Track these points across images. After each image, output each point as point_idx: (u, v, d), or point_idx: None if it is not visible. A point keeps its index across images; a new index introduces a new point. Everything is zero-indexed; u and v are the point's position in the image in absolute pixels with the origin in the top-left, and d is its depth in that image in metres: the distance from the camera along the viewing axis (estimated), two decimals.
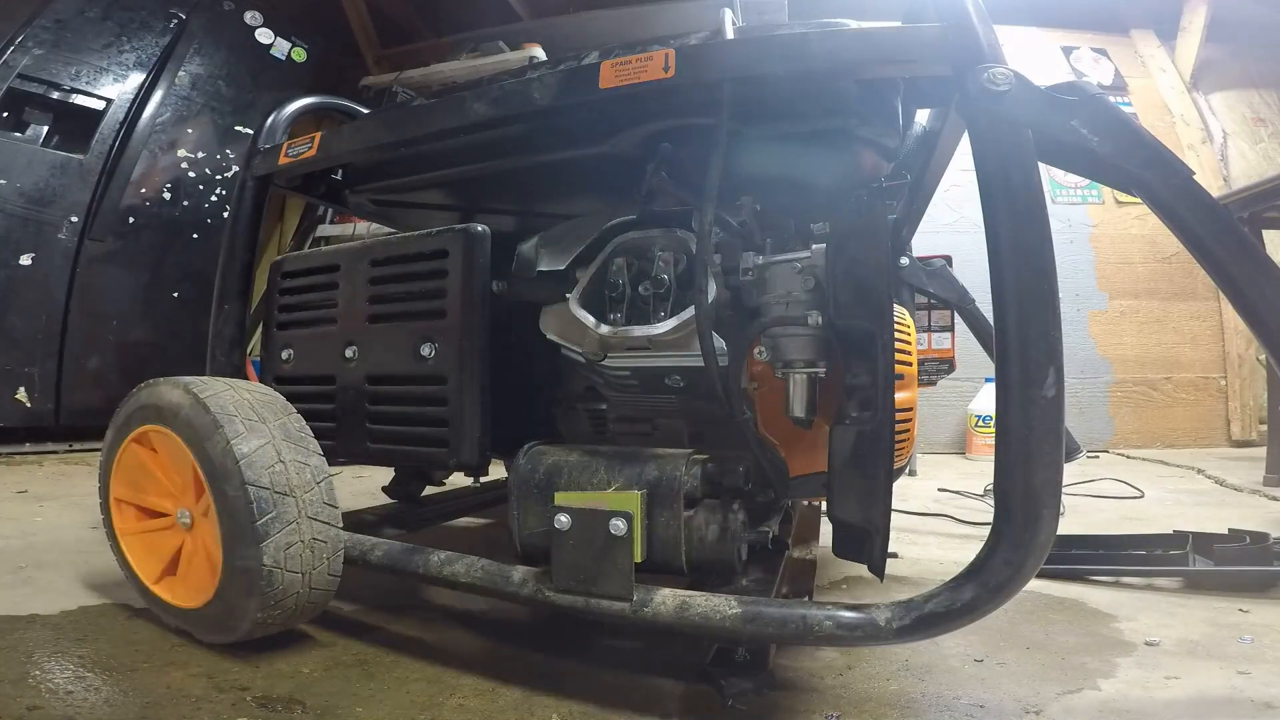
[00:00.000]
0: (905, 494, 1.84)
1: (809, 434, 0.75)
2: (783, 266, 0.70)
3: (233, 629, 0.66)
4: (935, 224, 2.95)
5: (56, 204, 2.33)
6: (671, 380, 0.74)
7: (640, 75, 0.68)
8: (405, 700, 0.61)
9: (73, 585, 0.89)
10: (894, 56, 0.63)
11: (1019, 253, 0.54)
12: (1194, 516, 1.51)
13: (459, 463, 0.80)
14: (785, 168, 0.74)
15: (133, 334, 2.58)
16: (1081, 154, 0.58)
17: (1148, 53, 3.44)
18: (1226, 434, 3.04)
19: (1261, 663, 0.71)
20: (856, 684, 0.66)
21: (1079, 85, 0.59)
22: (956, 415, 3.00)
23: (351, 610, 0.86)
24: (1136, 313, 3.13)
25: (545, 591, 0.63)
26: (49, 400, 2.36)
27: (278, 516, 0.63)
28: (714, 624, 0.58)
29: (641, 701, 0.62)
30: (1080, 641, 0.78)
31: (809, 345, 0.69)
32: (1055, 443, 0.53)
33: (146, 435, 0.72)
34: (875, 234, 0.64)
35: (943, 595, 0.55)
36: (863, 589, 0.97)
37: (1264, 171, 3.01)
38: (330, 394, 0.88)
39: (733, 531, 0.64)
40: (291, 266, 0.96)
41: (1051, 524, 0.53)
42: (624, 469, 0.66)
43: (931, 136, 0.88)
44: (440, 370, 0.80)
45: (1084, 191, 3.20)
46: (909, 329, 0.84)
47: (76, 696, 0.59)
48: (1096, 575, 1.03)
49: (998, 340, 0.55)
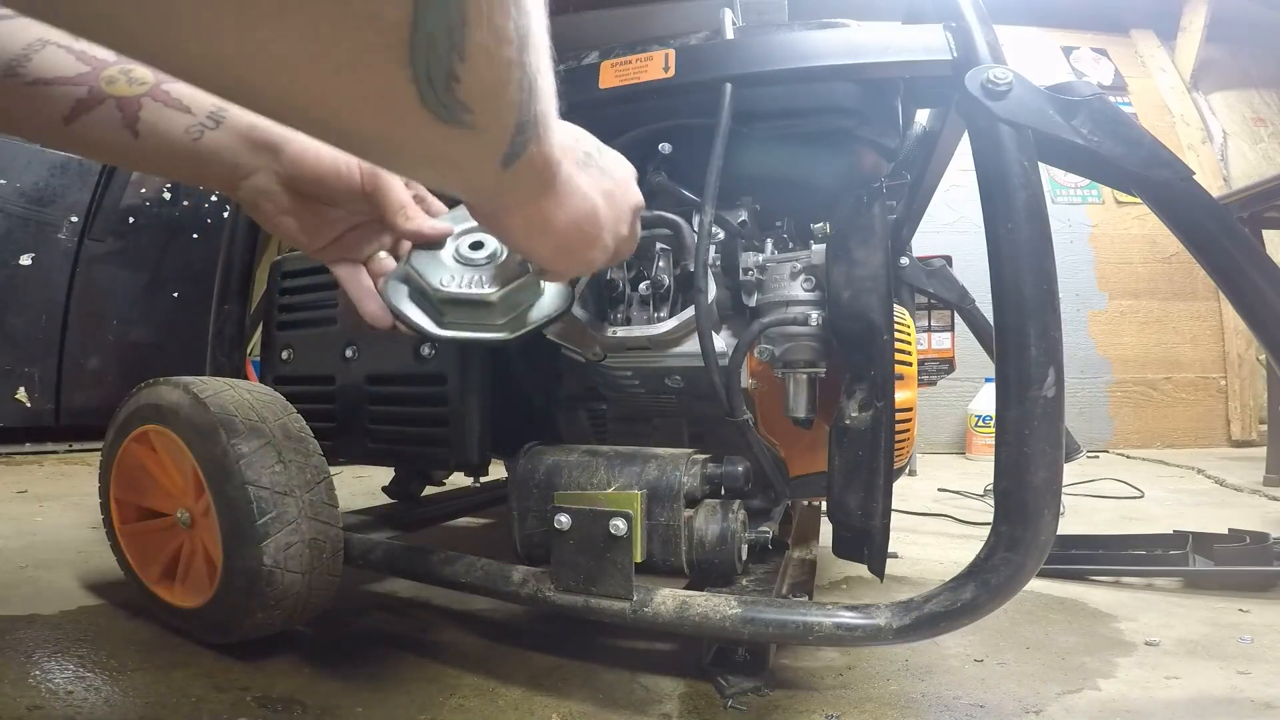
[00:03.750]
0: (905, 494, 1.84)
1: (809, 434, 0.75)
2: (783, 266, 0.70)
3: (233, 629, 0.66)
4: (935, 224, 2.95)
5: (56, 204, 2.33)
6: (671, 380, 0.74)
7: (640, 75, 0.69)
8: (405, 700, 0.61)
9: (73, 585, 0.89)
10: (894, 56, 0.63)
11: (1019, 253, 0.54)
12: (1194, 516, 1.51)
13: (459, 463, 0.80)
14: (785, 168, 0.74)
15: (133, 334, 2.58)
16: (1081, 154, 0.58)
17: (1148, 53, 3.44)
18: (1226, 434, 3.04)
19: (1261, 663, 0.71)
20: (856, 684, 0.66)
21: (1079, 85, 0.59)
22: (956, 415, 3.00)
23: (351, 610, 0.86)
24: (1136, 313, 3.13)
25: (545, 591, 0.63)
26: (49, 400, 2.36)
27: (278, 516, 0.63)
28: (714, 624, 0.58)
29: (641, 701, 0.62)
30: (1080, 641, 0.78)
31: (809, 345, 0.69)
32: (1055, 443, 0.53)
33: (146, 435, 0.72)
34: (875, 234, 0.64)
35: (943, 595, 0.55)
36: (863, 589, 0.97)
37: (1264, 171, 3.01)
38: (330, 394, 0.88)
39: (733, 531, 0.64)
40: (291, 266, 0.96)
41: (1051, 524, 0.53)
42: (624, 469, 0.66)
43: (931, 136, 0.88)
44: (440, 370, 0.80)
45: (1084, 191, 3.20)
46: (909, 329, 0.84)
47: (77, 696, 0.59)
48: (1096, 575, 1.03)
49: (998, 340, 0.55)
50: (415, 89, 0.23)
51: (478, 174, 0.33)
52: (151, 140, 0.46)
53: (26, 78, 0.42)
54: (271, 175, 0.50)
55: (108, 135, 0.45)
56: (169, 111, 0.46)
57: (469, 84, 0.24)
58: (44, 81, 0.43)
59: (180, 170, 0.49)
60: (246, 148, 0.49)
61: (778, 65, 0.64)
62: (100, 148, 0.46)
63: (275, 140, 0.49)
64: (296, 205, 0.52)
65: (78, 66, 0.44)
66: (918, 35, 0.63)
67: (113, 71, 0.45)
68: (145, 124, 0.45)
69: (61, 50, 0.44)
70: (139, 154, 0.46)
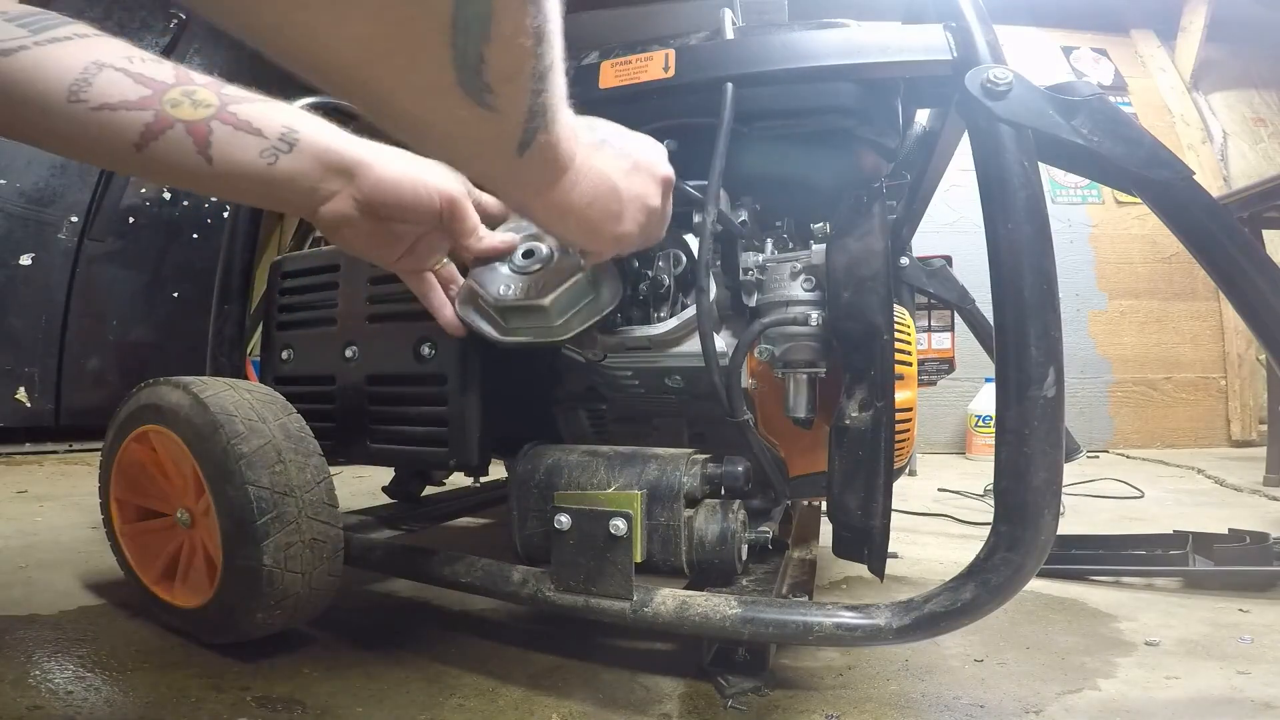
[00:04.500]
0: (905, 494, 1.84)
1: (809, 434, 0.75)
2: (783, 266, 0.70)
3: (232, 629, 0.66)
4: (935, 224, 2.95)
5: (56, 204, 2.33)
6: (672, 380, 0.74)
7: (640, 75, 0.69)
8: (405, 700, 0.61)
9: (73, 585, 0.89)
10: (894, 56, 0.63)
11: (1019, 253, 0.54)
12: (1194, 516, 1.51)
13: (459, 463, 0.80)
14: (785, 167, 0.74)
15: (133, 334, 2.58)
16: (1081, 154, 0.58)
17: (1148, 53, 3.44)
18: (1226, 434, 3.04)
19: (1261, 663, 0.71)
20: (856, 684, 0.66)
21: (1079, 85, 0.59)
22: (956, 415, 3.00)
23: (351, 610, 0.86)
24: (1136, 313, 3.13)
25: (545, 591, 0.63)
26: (49, 400, 2.36)
27: (278, 516, 0.63)
28: (714, 624, 0.58)
29: (641, 701, 0.62)
30: (1080, 641, 0.78)
31: (809, 345, 0.69)
32: (1055, 443, 0.53)
33: (146, 435, 0.72)
34: (875, 234, 0.64)
35: (943, 595, 0.55)
36: (863, 589, 0.97)
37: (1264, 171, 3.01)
38: (330, 394, 0.88)
39: (733, 531, 0.64)
40: (291, 266, 0.96)
41: (1051, 524, 0.53)
42: (624, 469, 0.66)
43: (931, 136, 0.88)
44: (440, 370, 0.80)
45: (1084, 191, 3.20)
46: (909, 329, 0.84)
47: (77, 696, 0.59)
48: (1096, 575, 1.03)
49: (998, 340, 0.55)
50: (454, 71, 0.28)
51: (496, 158, 0.37)
52: (226, 165, 0.46)
53: (90, 104, 0.42)
54: (350, 200, 0.51)
55: (182, 161, 0.45)
56: (240, 135, 0.46)
57: (493, 66, 0.29)
58: (109, 107, 0.43)
59: (259, 195, 0.49)
60: (322, 171, 0.49)
61: (778, 65, 0.64)
62: (175, 173, 0.45)
63: (349, 163, 0.50)
64: (372, 225, 0.53)
65: (138, 89, 0.44)
66: (918, 35, 0.63)
67: (175, 94, 0.45)
68: (218, 149, 0.45)
69: (118, 74, 0.44)
70: (215, 180, 0.46)
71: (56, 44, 0.43)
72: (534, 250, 0.63)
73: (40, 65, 0.42)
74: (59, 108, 0.41)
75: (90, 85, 0.42)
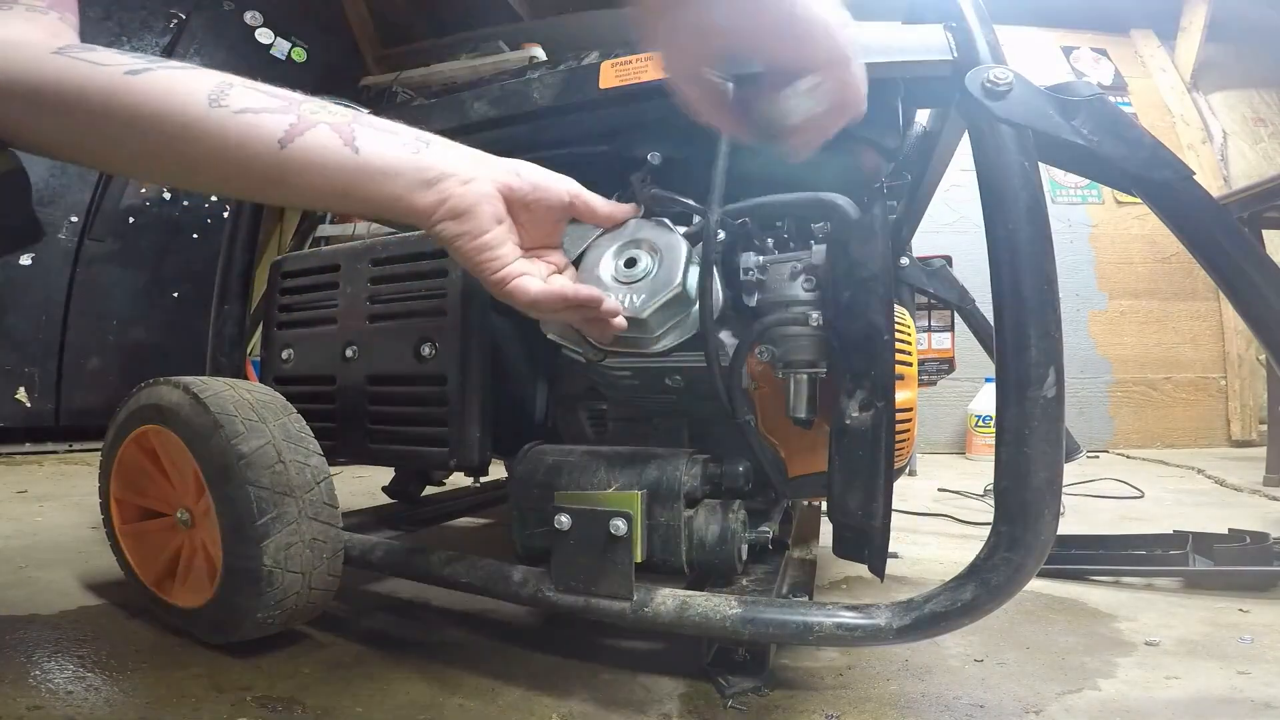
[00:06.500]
0: (905, 494, 1.84)
1: (809, 434, 0.75)
2: (783, 267, 0.70)
3: (233, 629, 0.66)
4: (935, 224, 2.95)
5: (56, 204, 2.33)
6: (672, 380, 0.74)
7: (641, 75, 0.69)
8: (405, 700, 0.61)
9: (73, 585, 0.89)
10: (894, 56, 0.63)
11: (1019, 253, 0.54)
12: (1194, 516, 1.51)
13: (459, 463, 0.80)
14: (785, 168, 0.74)
15: (133, 334, 2.58)
16: (1082, 154, 0.58)
17: (1148, 53, 3.44)
18: (1226, 434, 3.04)
19: (1261, 663, 0.71)
20: (856, 684, 0.66)
21: (1079, 85, 0.59)
22: (956, 415, 3.00)
23: (351, 610, 0.86)
24: (1136, 312, 3.13)
25: (545, 591, 0.63)
26: (49, 400, 2.36)
27: (278, 516, 0.63)
28: (714, 624, 0.58)
29: (641, 701, 0.62)
30: (1080, 641, 0.78)
31: (810, 345, 0.69)
32: (1055, 443, 0.53)
33: (146, 435, 0.72)
34: (876, 234, 0.64)
35: (943, 595, 0.55)
36: (863, 589, 0.97)
37: (1264, 171, 3.01)
38: (330, 394, 0.88)
39: (733, 531, 0.64)
40: (291, 266, 0.96)
41: (1051, 524, 0.53)
42: (624, 469, 0.66)
43: (931, 136, 0.87)
44: (440, 370, 0.80)
45: (1084, 191, 3.20)
46: (909, 329, 0.84)
47: (77, 696, 0.59)
48: (1096, 575, 1.03)
49: (998, 340, 0.55)
50: None
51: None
52: (374, 154, 0.46)
53: (232, 107, 0.43)
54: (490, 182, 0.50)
55: (328, 154, 0.45)
56: (382, 133, 0.47)
57: None
58: (250, 110, 0.44)
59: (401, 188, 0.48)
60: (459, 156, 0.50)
61: None
62: (317, 167, 0.45)
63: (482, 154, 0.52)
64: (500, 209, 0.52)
65: (274, 100, 0.45)
66: (918, 35, 0.63)
67: (311, 104, 0.46)
68: (364, 141, 0.46)
69: (248, 89, 0.45)
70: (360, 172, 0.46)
71: (180, 69, 0.44)
72: (636, 259, 0.60)
73: (174, 80, 0.43)
74: (199, 112, 0.42)
75: (227, 94, 0.44)
